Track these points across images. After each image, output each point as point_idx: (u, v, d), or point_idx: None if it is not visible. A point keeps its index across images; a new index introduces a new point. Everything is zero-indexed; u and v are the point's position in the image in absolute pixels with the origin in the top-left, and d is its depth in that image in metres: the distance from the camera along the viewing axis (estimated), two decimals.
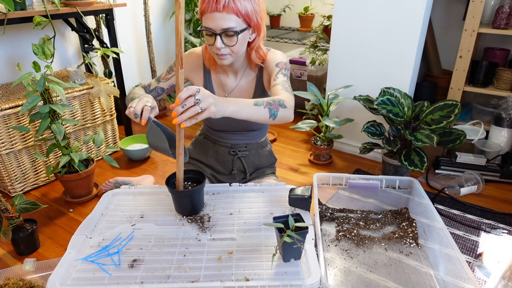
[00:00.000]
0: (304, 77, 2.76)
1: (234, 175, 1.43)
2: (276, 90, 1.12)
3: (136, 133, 2.60)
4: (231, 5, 1.04)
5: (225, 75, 1.29)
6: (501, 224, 1.67)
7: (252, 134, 1.39)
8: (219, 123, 1.34)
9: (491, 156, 2.09)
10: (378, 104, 1.84)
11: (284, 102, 1.05)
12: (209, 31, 1.09)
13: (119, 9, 2.56)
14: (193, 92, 0.86)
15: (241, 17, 1.07)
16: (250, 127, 1.35)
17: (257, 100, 1.00)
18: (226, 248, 0.93)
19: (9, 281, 1.24)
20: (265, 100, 1.02)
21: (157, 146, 1.04)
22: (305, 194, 1.04)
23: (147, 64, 2.95)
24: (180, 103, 0.86)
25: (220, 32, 1.08)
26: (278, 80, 1.16)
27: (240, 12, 1.06)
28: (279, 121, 1.05)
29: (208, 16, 1.06)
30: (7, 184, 1.86)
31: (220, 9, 1.04)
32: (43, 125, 1.59)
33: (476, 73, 2.12)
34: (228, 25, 1.06)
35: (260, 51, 1.22)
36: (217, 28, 1.07)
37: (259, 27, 1.15)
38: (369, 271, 1.27)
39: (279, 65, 1.21)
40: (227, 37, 1.09)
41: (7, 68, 2.11)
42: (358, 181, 1.51)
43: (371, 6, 1.97)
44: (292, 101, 1.09)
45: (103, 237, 0.97)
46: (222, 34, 1.09)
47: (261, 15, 1.13)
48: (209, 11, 1.05)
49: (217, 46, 1.10)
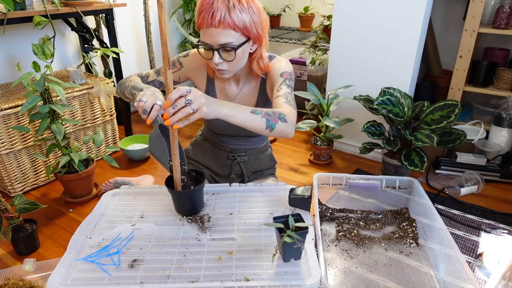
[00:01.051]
0: (304, 77, 2.76)
1: (232, 179, 1.41)
2: (278, 102, 1.08)
3: (136, 133, 2.60)
4: (227, 20, 0.98)
5: (228, 82, 1.26)
6: (501, 224, 1.67)
7: (253, 140, 1.37)
8: (220, 127, 1.31)
9: (491, 156, 2.09)
10: (378, 104, 1.83)
11: (285, 116, 1.01)
12: (207, 46, 1.05)
13: (119, 9, 2.56)
14: (184, 93, 0.84)
15: (239, 31, 1.01)
16: (251, 133, 1.31)
17: (255, 108, 0.97)
18: (226, 248, 0.93)
19: (9, 281, 1.23)
20: (264, 110, 0.99)
21: (156, 155, 1.00)
22: (305, 194, 1.03)
23: (147, 64, 2.95)
24: (171, 104, 0.84)
25: (217, 48, 1.03)
26: (282, 91, 1.11)
27: (238, 26, 1.00)
28: (276, 134, 1.01)
29: (205, 31, 1.01)
30: (7, 184, 1.86)
31: (216, 24, 0.98)
32: (43, 125, 1.59)
33: (476, 73, 2.11)
34: (225, 41, 1.01)
35: (261, 62, 1.16)
36: (214, 43, 1.02)
37: (261, 38, 1.09)
38: (369, 271, 1.27)
39: (283, 75, 1.15)
40: (225, 52, 1.05)
41: (7, 68, 2.11)
42: (358, 181, 1.51)
43: (371, 6, 1.97)
44: (294, 116, 1.05)
45: (103, 237, 0.97)
46: (220, 49, 1.04)
47: (262, 26, 1.07)
48: (205, 26, 1.00)
49: (215, 61, 1.05)
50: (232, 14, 0.99)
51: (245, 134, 1.32)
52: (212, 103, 0.89)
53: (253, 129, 0.97)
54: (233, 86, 1.26)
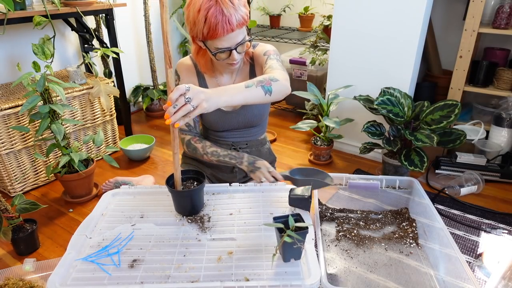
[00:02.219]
0: (304, 77, 2.76)
1: (236, 173, 1.43)
2: (267, 71, 1.15)
3: (136, 133, 2.60)
4: (240, 20, 1.06)
5: (221, 75, 1.31)
6: (501, 224, 1.67)
7: (252, 131, 1.40)
8: (219, 124, 1.35)
9: (491, 156, 2.09)
10: (378, 104, 1.83)
11: (274, 76, 1.06)
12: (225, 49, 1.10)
13: (119, 9, 2.56)
14: (183, 91, 0.87)
15: (245, 24, 1.10)
16: (249, 124, 1.36)
17: (247, 82, 1.01)
18: (226, 248, 0.93)
19: (9, 281, 1.23)
20: (255, 79, 1.03)
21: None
22: (305, 194, 1.04)
23: (147, 64, 2.95)
24: (172, 104, 0.86)
25: (235, 47, 1.11)
26: (268, 63, 1.19)
27: (245, 20, 1.09)
28: (276, 95, 1.05)
29: (223, 39, 1.07)
30: (7, 184, 1.86)
31: (234, 28, 1.05)
32: (43, 125, 1.59)
33: (476, 73, 2.11)
34: (241, 38, 1.10)
35: None
36: (232, 44, 1.10)
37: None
38: (369, 271, 1.27)
39: (267, 53, 1.24)
40: (241, 47, 1.13)
41: (7, 68, 2.11)
42: (358, 181, 1.51)
43: (371, 6, 1.97)
44: (285, 74, 1.11)
45: (103, 237, 0.97)
46: (237, 47, 1.12)
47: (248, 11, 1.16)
48: (225, 33, 1.06)
49: (235, 58, 1.13)
50: (240, 12, 1.06)
51: (244, 125, 1.36)
52: (211, 96, 0.91)
53: (255, 101, 1.01)
54: (226, 78, 1.32)
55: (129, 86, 2.83)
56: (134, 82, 2.90)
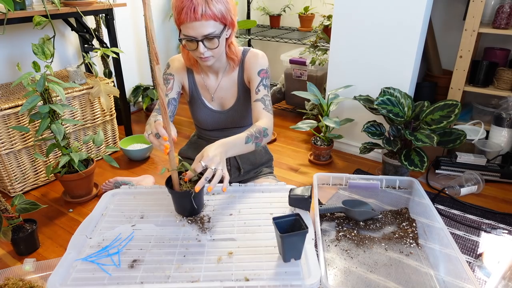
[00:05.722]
0: (304, 77, 2.76)
1: (229, 172, 1.43)
2: (257, 108, 1.21)
3: (136, 133, 2.60)
4: (208, 12, 1.06)
5: (206, 76, 1.32)
6: (501, 224, 1.67)
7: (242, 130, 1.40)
8: (209, 123, 1.37)
9: (491, 156, 2.09)
10: (378, 104, 1.83)
11: (267, 130, 1.18)
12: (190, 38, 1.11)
13: (119, 9, 2.56)
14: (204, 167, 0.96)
15: (218, 21, 1.09)
16: (237, 124, 1.38)
17: (247, 137, 1.12)
18: (226, 249, 0.93)
19: (9, 281, 1.23)
20: (253, 135, 1.13)
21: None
22: (305, 194, 1.03)
23: (147, 64, 2.95)
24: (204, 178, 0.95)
25: (201, 39, 1.11)
26: (260, 94, 1.23)
27: (217, 16, 1.08)
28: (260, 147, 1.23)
29: (188, 26, 1.08)
30: (7, 184, 1.86)
31: (199, 18, 1.06)
32: (43, 125, 1.59)
33: (476, 73, 2.11)
34: (208, 31, 1.09)
35: (233, 47, 1.25)
36: (198, 35, 1.10)
37: (234, 24, 1.17)
38: (369, 271, 1.27)
39: (261, 73, 1.25)
40: (209, 41, 1.12)
41: (7, 68, 2.11)
42: (358, 181, 1.51)
43: (371, 6, 1.97)
44: (272, 122, 1.21)
45: (103, 237, 0.97)
46: (204, 40, 1.11)
47: (233, 12, 1.15)
48: (188, 21, 1.07)
49: (201, 51, 1.13)
50: (211, 6, 1.06)
51: (232, 125, 1.38)
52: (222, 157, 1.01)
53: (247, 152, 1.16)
54: (212, 79, 1.33)
55: (129, 86, 2.83)
56: (134, 82, 2.90)
